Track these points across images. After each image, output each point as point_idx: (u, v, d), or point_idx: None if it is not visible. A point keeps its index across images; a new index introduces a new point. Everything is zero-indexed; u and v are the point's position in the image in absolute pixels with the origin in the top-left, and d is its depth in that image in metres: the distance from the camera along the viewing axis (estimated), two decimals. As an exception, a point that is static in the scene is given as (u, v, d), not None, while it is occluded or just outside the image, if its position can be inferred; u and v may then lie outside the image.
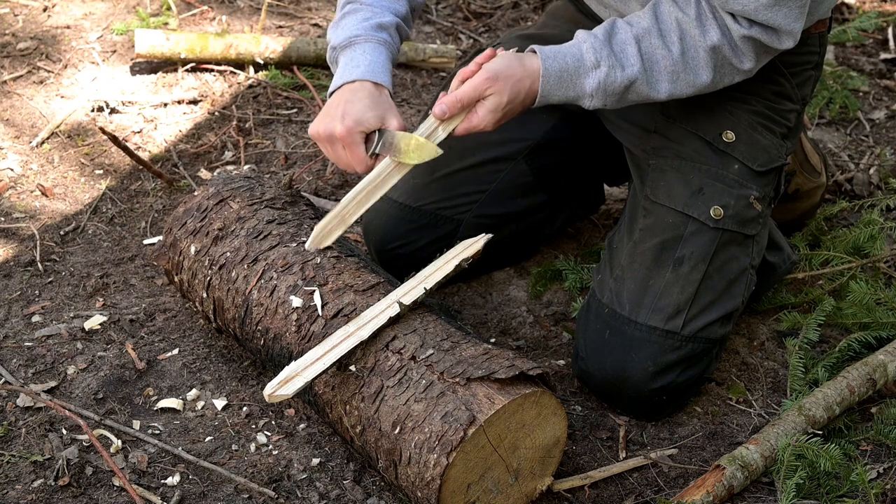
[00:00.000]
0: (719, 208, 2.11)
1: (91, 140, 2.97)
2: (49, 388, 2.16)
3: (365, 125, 2.00)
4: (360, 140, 2.01)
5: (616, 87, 1.97)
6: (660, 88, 1.98)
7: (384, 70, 2.09)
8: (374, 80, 2.06)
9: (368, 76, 2.06)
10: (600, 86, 1.97)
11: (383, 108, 2.03)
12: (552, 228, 2.56)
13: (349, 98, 2.03)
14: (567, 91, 1.98)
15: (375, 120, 2.01)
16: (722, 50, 1.95)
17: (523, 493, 1.91)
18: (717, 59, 1.96)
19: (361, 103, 2.02)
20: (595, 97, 1.99)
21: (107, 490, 1.95)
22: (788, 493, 1.88)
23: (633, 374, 2.08)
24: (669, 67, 1.96)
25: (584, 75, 1.96)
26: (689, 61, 1.96)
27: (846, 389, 2.10)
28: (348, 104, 2.01)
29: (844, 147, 3.11)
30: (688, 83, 1.98)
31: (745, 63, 1.97)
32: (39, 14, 3.53)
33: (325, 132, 2.02)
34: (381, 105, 2.03)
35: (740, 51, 1.95)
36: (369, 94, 2.03)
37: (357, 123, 2.00)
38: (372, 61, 2.08)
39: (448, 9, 3.78)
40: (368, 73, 2.06)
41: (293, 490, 1.96)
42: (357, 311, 1.96)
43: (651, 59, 1.96)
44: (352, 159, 2.03)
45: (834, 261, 2.47)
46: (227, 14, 3.56)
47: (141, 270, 2.52)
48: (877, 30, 3.67)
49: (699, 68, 1.96)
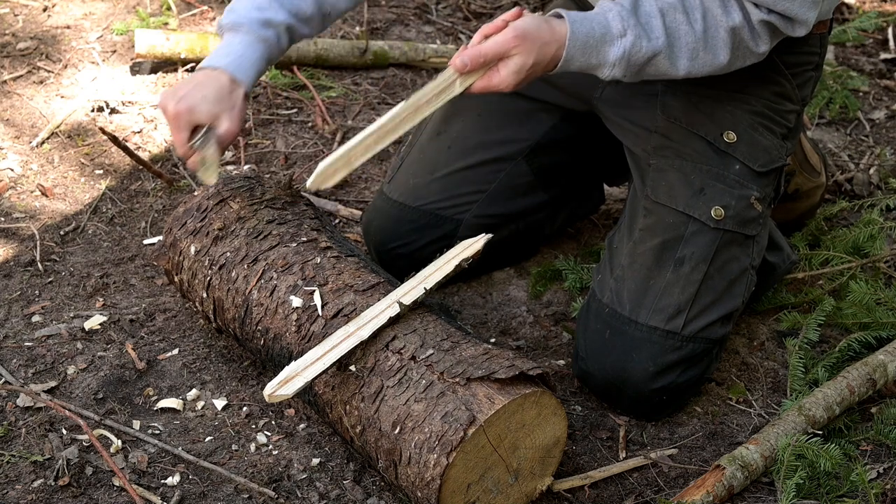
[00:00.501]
0: (720, 209, 2.11)
1: (91, 140, 2.97)
2: (49, 388, 2.16)
3: (195, 116, 2.00)
4: (185, 127, 2.01)
5: (639, 57, 1.92)
6: (679, 65, 1.94)
7: (250, 67, 2.07)
8: (233, 76, 2.04)
9: (230, 69, 2.04)
10: (624, 55, 1.91)
11: (224, 106, 2.02)
12: (552, 228, 2.56)
13: (200, 82, 2.02)
14: (589, 58, 1.91)
15: (207, 116, 2.01)
16: (741, 32, 1.92)
17: (523, 493, 1.91)
18: (735, 41, 1.93)
19: (205, 93, 2.01)
20: (616, 66, 1.92)
21: (107, 490, 1.95)
22: (788, 493, 1.88)
23: (634, 374, 2.08)
24: (691, 44, 1.92)
25: (609, 43, 1.90)
26: (709, 40, 1.92)
27: (846, 389, 2.10)
28: (194, 88, 2.01)
29: (844, 147, 3.11)
30: (706, 62, 1.95)
31: (760, 46, 1.95)
32: (39, 14, 3.53)
33: (161, 105, 2.03)
34: (223, 102, 2.02)
35: (757, 34, 1.93)
36: (219, 88, 2.02)
37: (188, 111, 2.00)
38: (242, 55, 2.06)
39: (448, 9, 3.78)
40: (232, 65, 2.04)
41: (293, 490, 1.96)
42: (357, 311, 1.96)
43: (674, 34, 1.92)
44: (174, 140, 2.04)
45: (834, 261, 2.47)
46: (227, 14, 3.56)
47: (141, 270, 2.52)
48: (877, 30, 3.67)
49: (718, 48, 1.93)
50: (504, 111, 2.39)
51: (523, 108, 2.39)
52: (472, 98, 2.39)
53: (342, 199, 2.81)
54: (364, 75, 3.34)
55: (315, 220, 2.19)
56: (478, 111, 2.40)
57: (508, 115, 2.39)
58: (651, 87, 2.20)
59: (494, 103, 2.40)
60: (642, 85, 2.19)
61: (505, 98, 2.39)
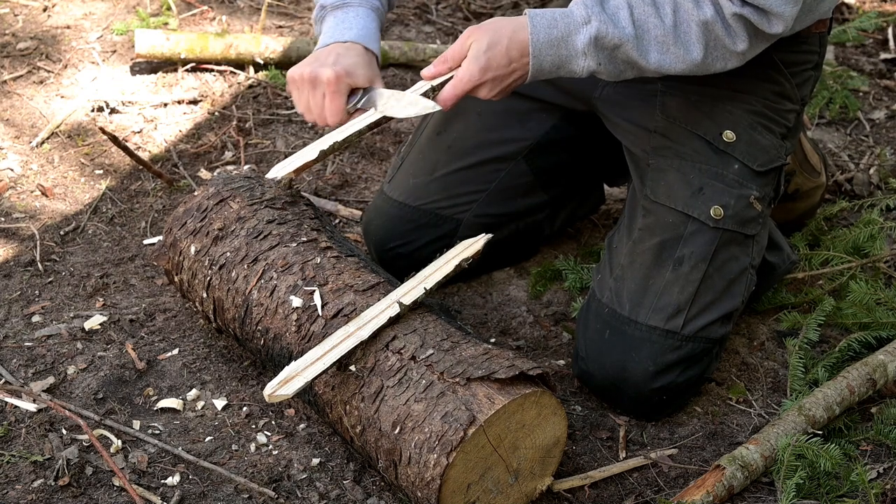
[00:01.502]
0: (719, 208, 2.11)
1: (91, 140, 2.97)
2: (49, 388, 2.16)
3: (354, 78, 1.99)
4: (345, 90, 1.99)
5: (607, 43, 1.90)
6: (649, 58, 1.92)
7: (376, 38, 2.08)
8: (367, 46, 2.04)
9: (362, 40, 2.04)
10: (591, 41, 1.90)
11: (373, 70, 2.02)
12: (552, 228, 2.56)
13: (341, 52, 2.01)
14: (559, 50, 1.91)
15: (365, 78, 2.00)
16: (714, 27, 1.90)
17: (523, 493, 1.91)
18: (709, 37, 1.91)
19: (353, 59, 2.00)
20: (588, 55, 1.91)
21: (107, 490, 1.95)
22: (788, 493, 1.88)
23: (634, 374, 2.08)
24: (660, 37, 1.91)
25: (574, 32, 1.90)
26: (680, 35, 1.91)
27: (846, 389, 2.10)
28: (340, 56, 1.99)
29: (844, 147, 3.11)
30: (678, 57, 1.93)
31: (738, 44, 1.92)
32: (39, 14, 3.53)
33: (311, 74, 1.98)
34: (371, 67, 2.02)
35: (732, 30, 1.91)
36: (361, 56, 2.02)
37: (347, 73, 1.97)
38: (364, 26, 2.07)
39: (448, 9, 3.78)
40: (361, 37, 2.05)
41: (293, 490, 1.96)
42: (357, 311, 1.96)
43: (643, 27, 1.91)
44: (329, 108, 1.99)
45: (834, 261, 2.47)
46: (227, 14, 3.56)
47: (141, 270, 2.52)
48: (877, 30, 3.67)
49: (690, 43, 1.91)
50: (504, 111, 2.39)
51: (523, 108, 2.39)
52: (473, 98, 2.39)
53: (342, 199, 2.81)
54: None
55: (315, 220, 2.19)
56: (478, 111, 2.40)
57: (508, 114, 2.39)
58: (650, 87, 2.20)
59: (494, 103, 2.40)
60: (642, 84, 2.19)
61: (505, 98, 2.39)
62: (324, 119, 2.00)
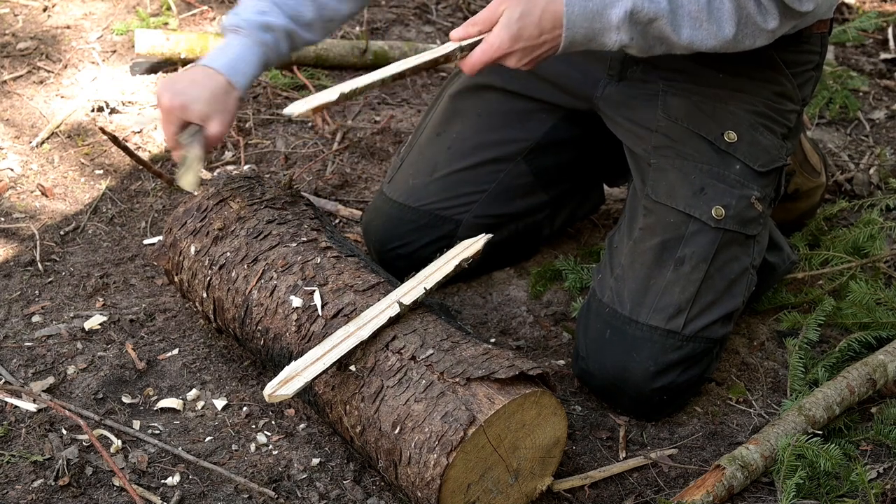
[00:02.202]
0: (721, 208, 2.11)
1: (91, 140, 2.97)
2: (49, 388, 2.16)
3: (187, 114, 2.03)
4: (175, 122, 2.04)
5: (643, 17, 1.87)
6: (682, 33, 1.90)
7: (247, 71, 2.09)
8: (229, 78, 2.06)
9: (226, 71, 2.06)
10: (627, 15, 1.86)
11: (216, 108, 2.04)
12: (552, 228, 2.56)
13: (197, 80, 2.05)
14: (593, 23, 1.87)
15: (198, 116, 2.03)
16: (747, 4, 1.88)
17: (523, 493, 1.91)
18: (741, 14, 1.90)
19: (201, 92, 2.03)
20: (621, 29, 1.88)
21: (107, 490, 1.95)
22: (788, 493, 1.88)
23: (634, 374, 2.08)
24: (694, 13, 1.88)
25: (610, 6, 1.86)
26: (713, 11, 1.89)
27: (846, 389, 2.10)
28: (192, 84, 2.04)
29: (844, 147, 3.11)
30: (710, 33, 1.91)
31: (769, 22, 1.91)
32: (39, 14, 3.53)
33: (158, 93, 2.06)
34: (216, 104, 2.04)
35: (764, 7, 1.90)
36: (214, 89, 2.05)
37: (181, 108, 2.02)
38: (240, 57, 2.08)
39: (448, 9, 3.78)
40: (228, 67, 2.07)
41: (293, 490, 1.96)
42: (357, 311, 1.95)
43: (677, 1, 1.88)
44: (164, 131, 2.08)
45: (834, 261, 2.47)
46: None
47: (141, 270, 2.52)
48: (877, 30, 3.67)
49: (723, 20, 1.89)
50: (504, 111, 2.39)
51: (523, 108, 2.39)
52: (473, 98, 2.39)
53: (342, 199, 2.81)
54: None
55: (315, 220, 2.19)
56: (477, 111, 2.40)
57: (508, 115, 2.39)
58: (652, 87, 2.20)
59: (494, 103, 2.40)
60: (643, 84, 2.20)
61: (505, 98, 2.39)
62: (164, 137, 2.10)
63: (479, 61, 1.90)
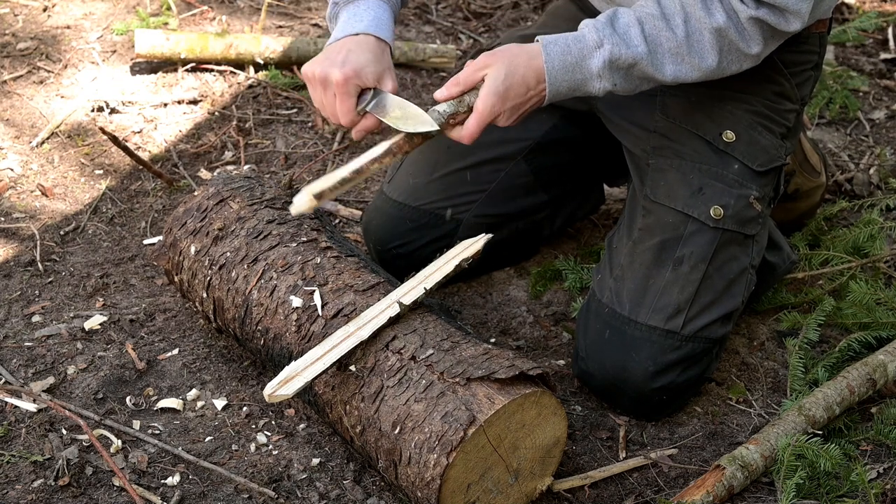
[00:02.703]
0: (719, 208, 2.11)
1: (91, 140, 2.97)
2: (49, 388, 2.16)
3: (363, 78, 1.95)
4: (354, 92, 1.96)
5: (622, 63, 1.92)
6: (665, 71, 1.94)
7: (388, 27, 2.05)
8: (378, 36, 2.01)
9: (373, 31, 2.01)
10: (605, 64, 1.91)
11: (383, 66, 1.99)
12: (552, 228, 2.56)
13: (352, 48, 1.98)
14: (574, 74, 1.92)
15: (373, 76, 1.96)
16: (728, 33, 1.91)
17: (523, 493, 1.91)
18: (722, 43, 1.92)
19: (364, 56, 1.97)
20: (603, 77, 1.93)
21: (107, 490, 1.95)
22: (788, 493, 1.88)
23: (634, 374, 2.08)
24: (674, 49, 1.92)
25: (588, 57, 1.92)
26: (693, 44, 1.92)
27: (846, 389, 2.10)
28: (351, 53, 1.96)
29: (844, 147, 3.11)
30: (693, 66, 1.94)
31: (752, 47, 1.94)
32: (39, 14, 3.53)
33: (321, 74, 1.96)
34: (381, 62, 1.99)
35: (747, 34, 1.92)
36: (372, 49, 1.99)
37: (356, 74, 1.94)
38: (376, 17, 2.04)
39: (448, 9, 3.78)
40: (373, 27, 2.02)
41: (293, 490, 1.96)
42: (357, 311, 1.96)
43: (655, 42, 1.92)
44: (339, 109, 1.97)
45: (834, 261, 2.47)
46: (227, 14, 3.56)
47: (141, 270, 2.52)
48: (877, 30, 3.67)
49: (704, 51, 1.93)
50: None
51: (523, 109, 2.39)
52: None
53: (342, 199, 2.81)
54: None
55: (315, 220, 2.19)
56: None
57: (508, 115, 2.39)
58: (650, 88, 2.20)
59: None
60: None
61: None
62: (336, 119, 1.99)
63: (475, 130, 1.93)
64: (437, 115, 1.92)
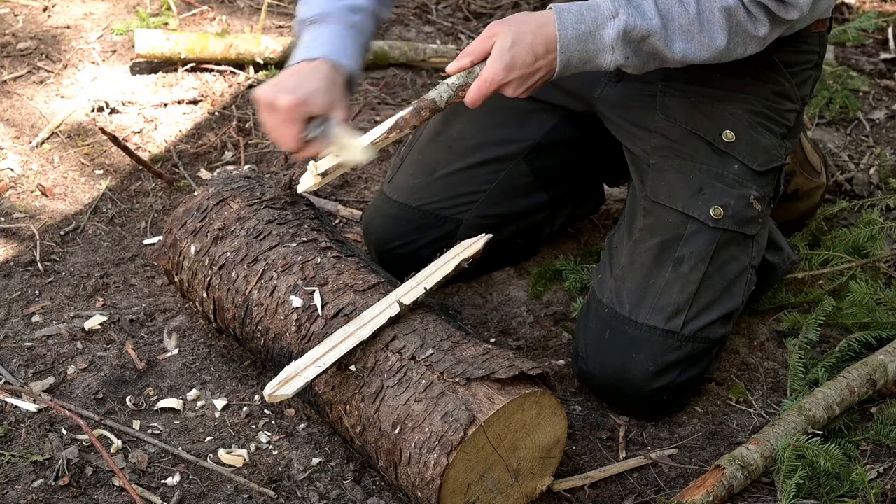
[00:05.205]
0: (719, 208, 2.11)
1: (91, 140, 2.97)
2: (49, 388, 2.16)
3: (310, 106, 1.90)
4: (300, 118, 1.90)
5: (635, 35, 1.88)
6: (675, 48, 1.91)
7: (350, 52, 1.99)
8: (336, 61, 1.96)
9: (332, 56, 1.96)
10: (620, 34, 1.88)
11: (334, 94, 1.94)
12: (552, 228, 2.56)
13: (306, 75, 1.93)
14: (587, 45, 1.89)
15: (322, 105, 1.91)
16: (737, 13, 1.90)
17: (523, 493, 1.91)
18: (731, 23, 1.90)
19: (315, 84, 1.92)
20: (616, 49, 1.89)
21: (107, 490, 1.95)
22: (788, 493, 1.88)
23: (634, 374, 2.08)
24: (685, 26, 1.90)
25: (602, 26, 1.88)
26: (704, 22, 1.90)
27: (846, 389, 2.10)
28: (303, 80, 1.92)
29: (844, 147, 3.11)
30: (703, 45, 1.92)
31: (759, 29, 1.92)
32: (39, 14, 3.53)
33: (270, 99, 1.91)
34: (333, 91, 1.94)
35: (753, 15, 1.91)
36: (326, 77, 1.94)
37: (303, 103, 1.89)
38: (337, 42, 1.99)
39: (448, 9, 3.78)
40: (333, 52, 1.97)
41: (293, 490, 1.96)
42: (357, 311, 1.96)
43: (668, 16, 1.89)
44: (285, 135, 1.93)
45: (834, 261, 2.47)
46: (227, 14, 3.56)
47: (141, 270, 2.52)
48: (877, 30, 3.67)
49: (714, 30, 1.90)
50: (504, 111, 2.39)
51: (523, 109, 2.39)
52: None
53: (342, 199, 2.81)
54: (364, 75, 3.34)
55: (315, 220, 2.19)
56: (478, 111, 2.40)
57: (508, 115, 2.39)
58: (650, 88, 2.20)
59: (495, 103, 2.39)
60: (642, 85, 2.19)
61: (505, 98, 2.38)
62: (282, 145, 1.95)
63: (479, 96, 1.91)
64: (446, 87, 1.91)
